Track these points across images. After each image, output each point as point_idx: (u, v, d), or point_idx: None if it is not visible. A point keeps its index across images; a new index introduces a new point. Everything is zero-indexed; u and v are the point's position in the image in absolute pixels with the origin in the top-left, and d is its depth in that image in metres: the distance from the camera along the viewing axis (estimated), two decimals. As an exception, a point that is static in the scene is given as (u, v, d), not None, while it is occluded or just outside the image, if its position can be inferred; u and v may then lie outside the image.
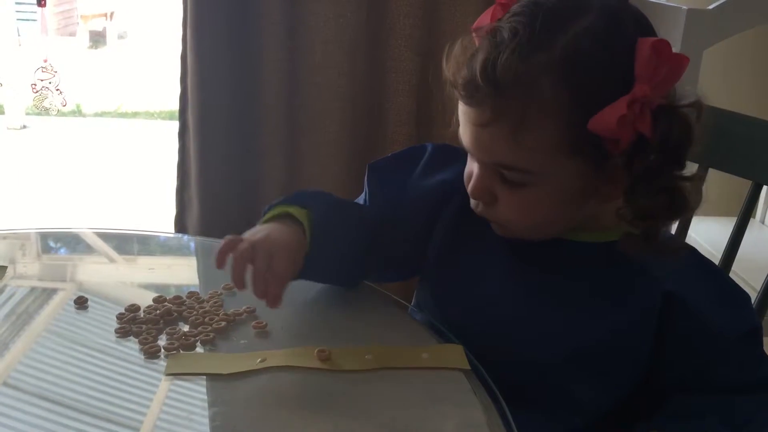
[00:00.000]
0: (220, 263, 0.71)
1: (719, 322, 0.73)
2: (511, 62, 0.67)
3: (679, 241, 0.76)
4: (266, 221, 0.79)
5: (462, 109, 0.73)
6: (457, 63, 0.72)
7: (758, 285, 0.95)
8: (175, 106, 1.61)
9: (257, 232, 0.75)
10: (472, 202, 0.78)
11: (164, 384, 0.70)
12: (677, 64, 0.68)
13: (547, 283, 0.78)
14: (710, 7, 1.31)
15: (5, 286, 0.87)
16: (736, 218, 1.01)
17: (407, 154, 0.91)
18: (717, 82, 0.77)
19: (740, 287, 0.77)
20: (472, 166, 0.77)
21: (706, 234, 1.32)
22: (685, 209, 0.71)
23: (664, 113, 0.68)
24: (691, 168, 0.71)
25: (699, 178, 0.73)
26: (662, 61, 0.67)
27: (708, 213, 1.01)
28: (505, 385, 0.73)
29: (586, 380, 0.75)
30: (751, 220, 1.06)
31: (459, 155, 0.85)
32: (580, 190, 0.73)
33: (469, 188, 0.76)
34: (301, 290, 0.89)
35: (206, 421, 0.67)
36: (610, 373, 0.75)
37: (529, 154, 0.70)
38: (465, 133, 0.74)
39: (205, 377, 0.71)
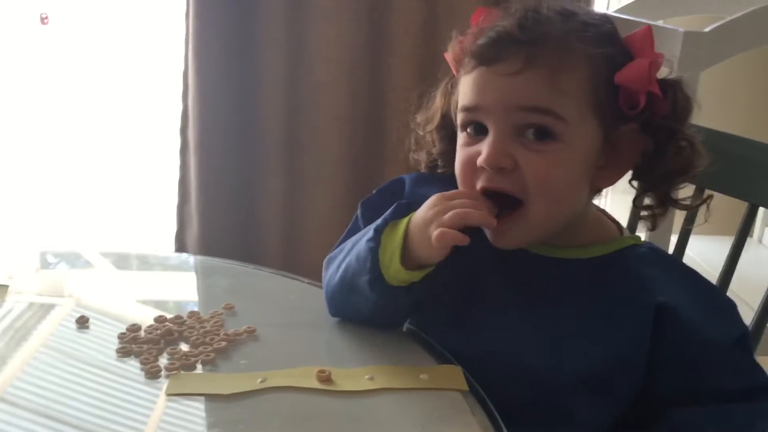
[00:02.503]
0: (459, 239, 0.72)
1: (710, 330, 0.74)
2: (542, 19, 0.73)
3: (702, 198, 0.82)
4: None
5: (477, 74, 0.74)
6: (465, 39, 0.77)
7: (755, 304, 0.96)
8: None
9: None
10: (483, 179, 0.75)
11: (165, 404, 0.71)
12: (659, 56, 0.75)
13: (543, 305, 0.78)
14: (706, 29, 1.32)
15: (2, 301, 0.87)
16: (733, 237, 1.02)
17: (390, 189, 0.90)
18: (713, 103, 0.79)
19: (725, 294, 0.80)
20: (471, 150, 0.75)
21: (703, 253, 1.33)
22: (699, 164, 0.77)
23: (668, 83, 0.76)
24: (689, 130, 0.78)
25: (697, 135, 0.77)
26: (651, 47, 0.75)
27: (705, 232, 1.02)
28: (505, 406, 0.73)
29: (587, 399, 0.75)
30: (749, 239, 1.06)
31: (432, 181, 0.85)
32: (590, 160, 0.75)
33: (485, 157, 0.73)
34: (301, 311, 0.90)
35: (206, 441, 0.67)
36: (611, 390, 0.75)
37: (563, 99, 0.72)
38: (483, 92, 0.73)
39: (204, 397, 0.71)
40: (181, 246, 1.68)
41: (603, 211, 0.85)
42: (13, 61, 2.16)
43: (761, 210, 1.05)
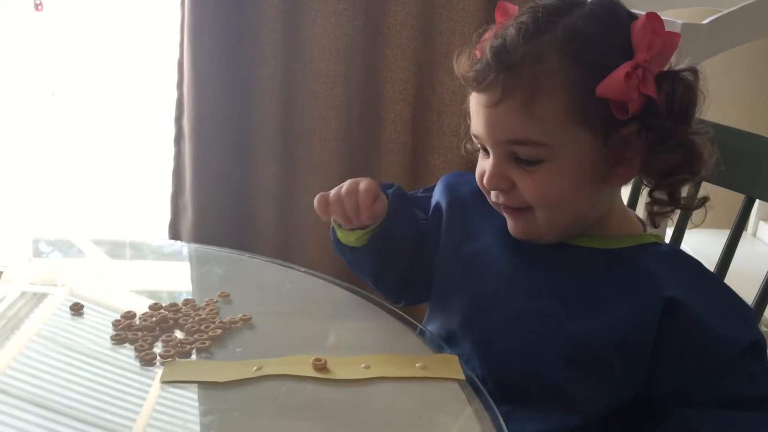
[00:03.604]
0: (325, 212, 0.85)
1: (722, 333, 0.73)
2: (517, 42, 0.73)
3: (699, 199, 0.81)
4: None
5: (474, 100, 0.78)
6: (468, 63, 0.78)
7: (750, 299, 0.95)
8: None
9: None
10: (492, 194, 0.80)
11: (159, 391, 0.70)
12: (671, 37, 0.74)
13: (548, 282, 0.79)
14: (705, 21, 1.32)
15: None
16: (728, 231, 1.02)
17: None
18: (710, 96, 0.78)
19: (743, 300, 0.78)
20: (483, 164, 0.80)
21: (698, 246, 1.33)
22: (700, 161, 0.76)
23: (666, 77, 0.74)
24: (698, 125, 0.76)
25: (707, 131, 0.76)
26: (657, 33, 0.73)
27: (699, 225, 1.01)
28: (503, 382, 0.76)
29: (583, 380, 0.75)
30: (743, 233, 1.06)
31: (470, 177, 0.88)
32: (592, 167, 0.75)
33: (485, 180, 0.79)
34: (297, 299, 0.89)
35: (203, 429, 0.67)
36: (608, 374, 0.75)
37: (540, 125, 0.73)
38: (478, 122, 0.78)
39: (198, 385, 0.71)
40: (175, 235, 1.67)
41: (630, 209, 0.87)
42: (6, 47, 2.14)
43: (756, 203, 1.04)
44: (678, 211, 1.00)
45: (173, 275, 1.02)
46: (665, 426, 0.73)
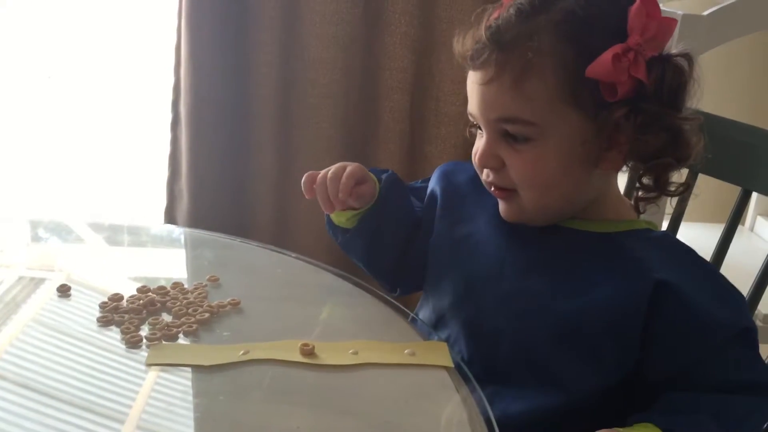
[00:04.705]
0: (309, 191, 0.87)
1: (714, 318, 0.73)
2: (512, 21, 0.74)
3: (680, 185, 0.80)
4: None
5: (469, 79, 0.79)
6: (471, 42, 0.78)
7: (745, 292, 0.95)
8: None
9: None
10: (484, 173, 0.81)
11: (146, 375, 0.70)
12: (666, 22, 0.75)
13: (538, 262, 0.79)
14: (705, 13, 1.31)
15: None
16: (724, 225, 1.01)
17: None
18: (710, 88, 0.78)
19: (735, 287, 0.77)
20: (478, 143, 0.80)
21: (695, 240, 1.32)
22: (687, 148, 0.76)
23: (657, 61, 0.74)
24: (688, 112, 0.76)
25: (696, 118, 0.76)
26: (652, 17, 0.73)
27: (696, 219, 1.01)
28: (491, 363, 0.76)
29: (571, 360, 0.75)
30: (740, 227, 1.05)
31: (466, 167, 0.89)
32: (582, 149, 0.75)
33: (477, 157, 0.80)
34: (288, 285, 0.89)
35: (188, 413, 0.66)
36: (597, 355, 0.75)
37: (530, 104, 0.74)
38: (472, 100, 0.78)
39: (188, 368, 0.70)
40: (171, 221, 1.67)
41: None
42: (1, 30, 2.13)
43: (753, 198, 1.04)
44: (674, 203, 1.01)
45: (164, 259, 1.02)
46: (654, 409, 0.73)
